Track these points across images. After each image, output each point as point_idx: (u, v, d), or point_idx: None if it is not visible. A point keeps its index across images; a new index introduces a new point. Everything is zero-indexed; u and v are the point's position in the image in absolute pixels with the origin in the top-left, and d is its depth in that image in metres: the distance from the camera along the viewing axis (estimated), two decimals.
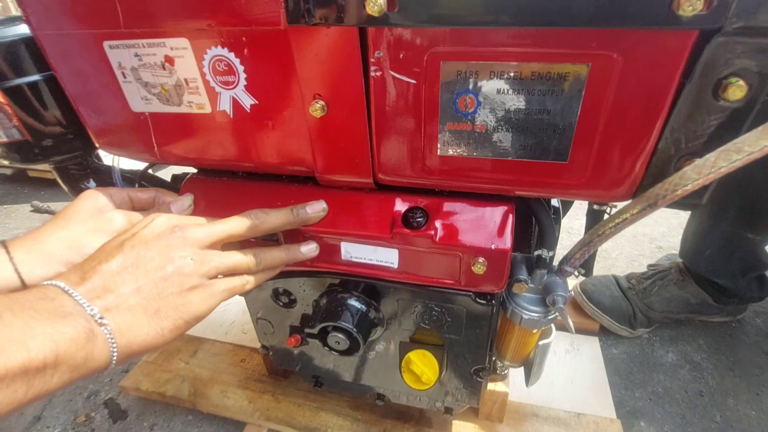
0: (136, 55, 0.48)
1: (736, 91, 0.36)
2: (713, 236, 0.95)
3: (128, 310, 0.39)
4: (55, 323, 0.34)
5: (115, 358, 0.37)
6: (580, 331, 1.06)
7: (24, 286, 0.44)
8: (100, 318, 0.37)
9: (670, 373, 1.00)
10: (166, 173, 0.76)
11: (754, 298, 1.02)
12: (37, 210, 1.77)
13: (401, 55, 0.40)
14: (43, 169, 1.90)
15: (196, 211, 0.56)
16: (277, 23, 0.41)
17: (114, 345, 0.37)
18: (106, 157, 0.72)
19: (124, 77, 0.51)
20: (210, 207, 0.57)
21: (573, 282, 1.15)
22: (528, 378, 0.65)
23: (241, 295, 0.67)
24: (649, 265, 1.15)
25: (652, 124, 0.39)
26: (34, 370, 0.32)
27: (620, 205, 0.46)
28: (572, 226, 1.52)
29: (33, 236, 0.47)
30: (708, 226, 0.97)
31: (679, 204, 0.43)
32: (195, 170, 0.64)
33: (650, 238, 1.47)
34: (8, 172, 2.03)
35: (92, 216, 0.50)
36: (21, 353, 0.32)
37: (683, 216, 1.10)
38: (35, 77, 0.57)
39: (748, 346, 1.06)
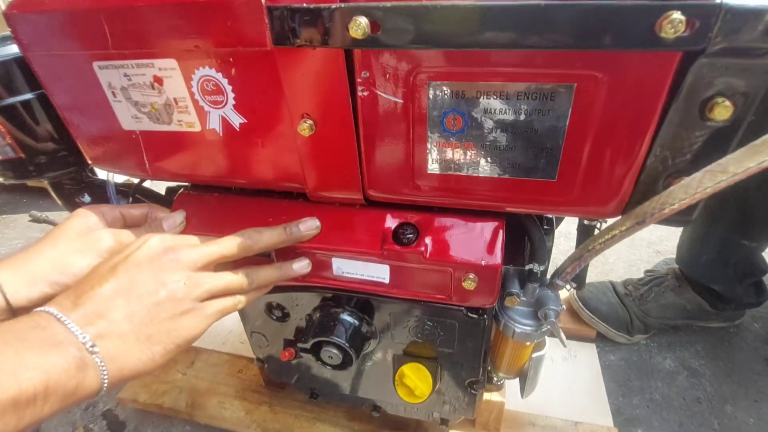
0: (126, 75, 0.48)
1: (722, 111, 0.36)
2: (708, 243, 0.95)
3: (120, 337, 0.38)
4: (47, 353, 0.34)
5: (105, 385, 0.38)
6: (577, 338, 1.06)
7: (8, 305, 0.44)
8: (92, 346, 0.37)
9: (668, 380, 1.00)
10: (161, 186, 0.76)
11: (751, 304, 1.02)
12: (35, 220, 1.76)
13: (387, 76, 0.41)
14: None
15: (189, 226, 0.56)
16: (264, 44, 0.41)
17: (105, 372, 0.37)
18: (101, 172, 0.73)
19: (114, 96, 0.51)
20: (202, 223, 0.57)
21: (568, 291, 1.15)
22: (523, 390, 0.65)
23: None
24: (647, 271, 1.15)
25: (639, 142, 0.39)
26: (24, 402, 0.32)
27: (610, 220, 0.46)
28: (570, 231, 1.51)
29: (21, 256, 0.47)
30: (703, 234, 0.96)
31: (669, 221, 0.43)
32: (188, 184, 0.64)
33: (648, 242, 1.47)
34: (6, 182, 2.03)
35: (81, 236, 0.50)
36: (12, 385, 0.32)
37: None
38: (28, 96, 0.58)
39: (746, 352, 1.06)
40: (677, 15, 0.31)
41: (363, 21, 0.36)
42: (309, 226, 0.52)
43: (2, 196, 2.01)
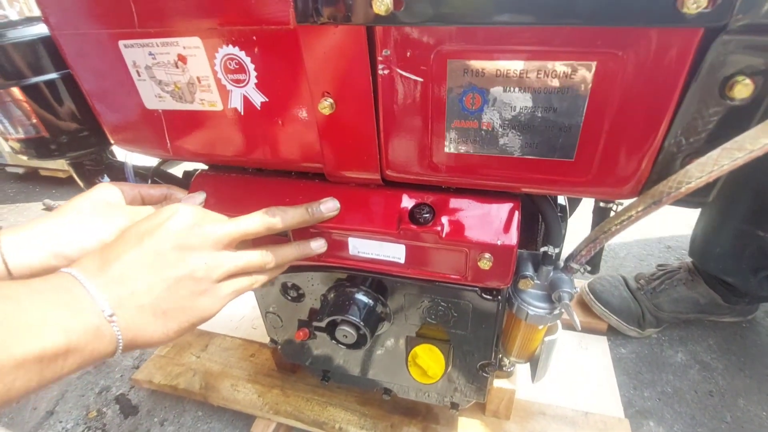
0: (150, 53, 0.49)
1: (743, 89, 0.36)
2: (723, 234, 0.95)
3: (138, 308, 0.40)
4: (70, 316, 0.36)
5: (120, 351, 0.39)
6: (589, 330, 1.06)
7: (7, 269, 0.45)
8: (110, 315, 0.38)
9: (680, 373, 1.00)
10: (177, 169, 0.78)
11: (765, 298, 1.01)
12: (48, 208, 1.80)
13: (408, 54, 0.41)
14: (55, 167, 1.93)
15: (207, 207, 0.57)
16: (287, 22, 0.42)
17: (120, 340, 0.39)
18: (120, 153, 0.74)
19: (139, 75, 0.52)
20: (220, 203, 0.58)
21: (581, 281, 1.15)
22: (534, 374, 0.65)
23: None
24: (659, 265, 1.14)
25: (659, 122, 0.40)
26: (47, 360, 0.34)
27: (626, 202, 0.46)
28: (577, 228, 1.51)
29: (27, 223, 0.48)
30: (717, 224, 0.96)
31: (685, 201, 0.43)
32: (206, 166, 0.65)
33: (659, 238, 1.46)
34: (20, 171, 2.07)
35: (95, 210, 0.50)
36: (37, 343, 0.33)
37: (692, 216, 1.09)
38: (52, 75, 0.59)
39: (759, 347, 1.05)
40: None
41: None
42: (330, 207, 0.52)
43: (16, 184, 2.05)
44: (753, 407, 0.92)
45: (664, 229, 1.49)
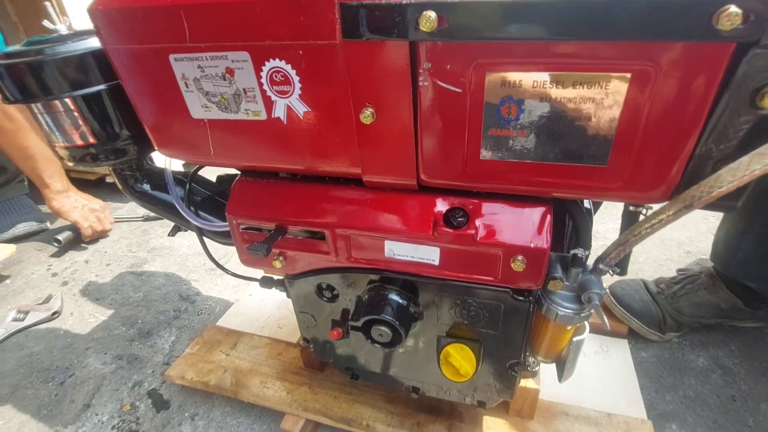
0: (199, 66, 0.52)
1: None
2: (746, 239, 0.95)
3: None
4: None
5: None
6: (609, 333, 1.07)
7: None
8: None
9: (702, 378, 1.00)
10: (211, 174, 0.81)
11: None
12: None
13: (448, 67, 0.43)
14: (84, 170, 1.99)
15: (248, 210, 0.60)
16: (333, 38, 0.44)
17: None
18: (158, 160, 0.78)
19: (187, 87, 0.55)
20: (260, 207, 0.61)
21: (606, 282, 1.15)
22: (561, 374, 0.66)
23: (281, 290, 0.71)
24: (679, 270, 1.15)
25: (691, 130, 0.41)
26: None
27: (656, 206, 0.48)
28: (597, 229, 1.52)
29: None
30: (741, 230, 0.96)
31: (715, 206, 0.45)
32: (237, 171, 0.68)
33: (678, 243, 1.46)
34: None
35: None
36: None
37: (712, 221, 1.10)
38: (101, 86, 0.63)
39: None
40: (734, 8, 0.33)
41: (432, 15, 0.39)
42: None
43: None
44: None
45: (684, 234, 1.49)
